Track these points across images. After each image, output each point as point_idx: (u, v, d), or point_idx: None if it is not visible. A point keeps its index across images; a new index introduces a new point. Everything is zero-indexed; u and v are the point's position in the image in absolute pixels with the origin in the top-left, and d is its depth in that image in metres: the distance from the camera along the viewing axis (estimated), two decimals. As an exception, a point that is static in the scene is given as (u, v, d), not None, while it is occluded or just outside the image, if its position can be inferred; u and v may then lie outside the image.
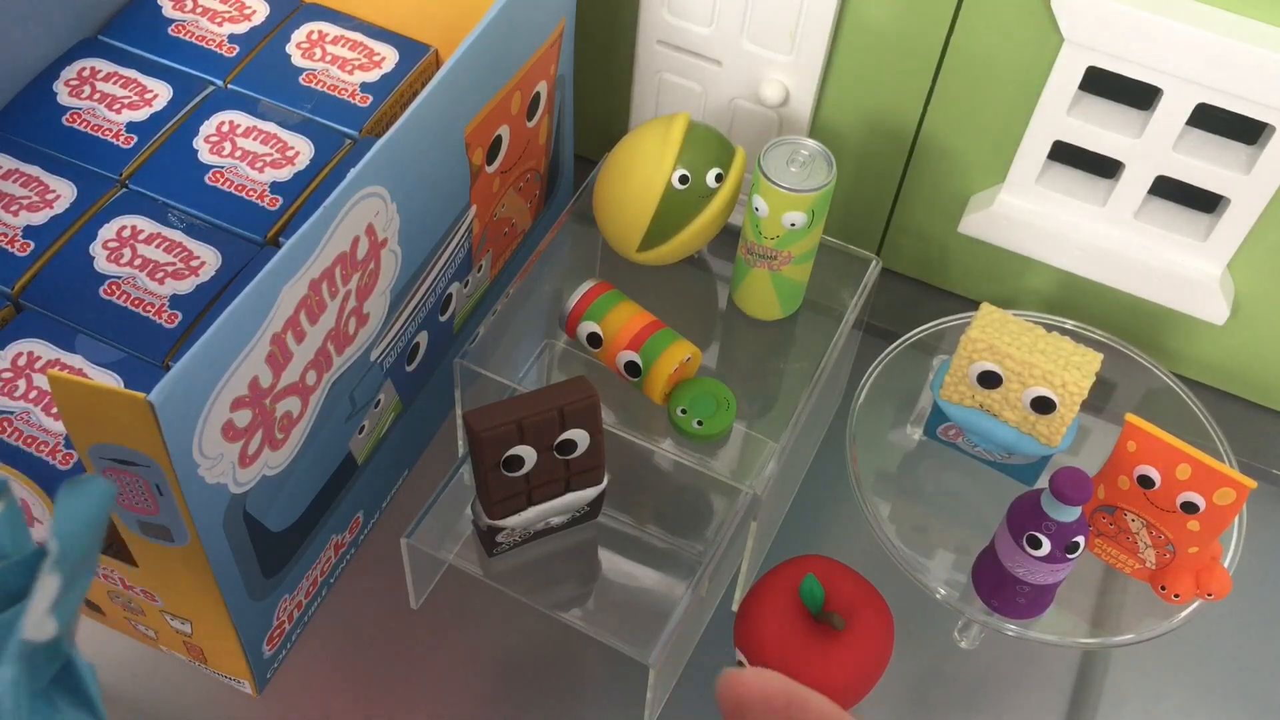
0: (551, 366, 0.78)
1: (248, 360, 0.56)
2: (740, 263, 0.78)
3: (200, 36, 0.82)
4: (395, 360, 0.71)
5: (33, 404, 0.66)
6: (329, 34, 0.83)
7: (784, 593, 0.68)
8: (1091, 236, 0.81)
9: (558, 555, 0.74)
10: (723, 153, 0.76)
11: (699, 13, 0.81)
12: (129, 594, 0.66)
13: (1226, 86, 0.70)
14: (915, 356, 0.81)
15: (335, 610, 0.75)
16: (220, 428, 0.56)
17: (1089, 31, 0.71)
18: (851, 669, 0.66)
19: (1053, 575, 0.69)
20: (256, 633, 0.68)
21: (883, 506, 0.78)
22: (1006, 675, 0.75)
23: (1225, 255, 0.79)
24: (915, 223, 0.88)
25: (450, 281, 0.74)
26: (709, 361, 0.79)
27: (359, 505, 0.74)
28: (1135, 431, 0.69)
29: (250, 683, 0.71)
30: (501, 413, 0.64)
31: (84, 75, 0.79)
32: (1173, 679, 0.76)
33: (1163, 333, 0.85)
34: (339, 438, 0.68)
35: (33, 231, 0.72)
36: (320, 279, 0.59)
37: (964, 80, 0.78)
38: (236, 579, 0.63)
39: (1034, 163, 0.80)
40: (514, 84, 0.72)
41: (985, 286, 0.89)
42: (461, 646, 0.74)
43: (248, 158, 0.76)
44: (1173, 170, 0.76)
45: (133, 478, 0.55)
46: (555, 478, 0.67)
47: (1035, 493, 0.68)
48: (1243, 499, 0.67)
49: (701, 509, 0.76)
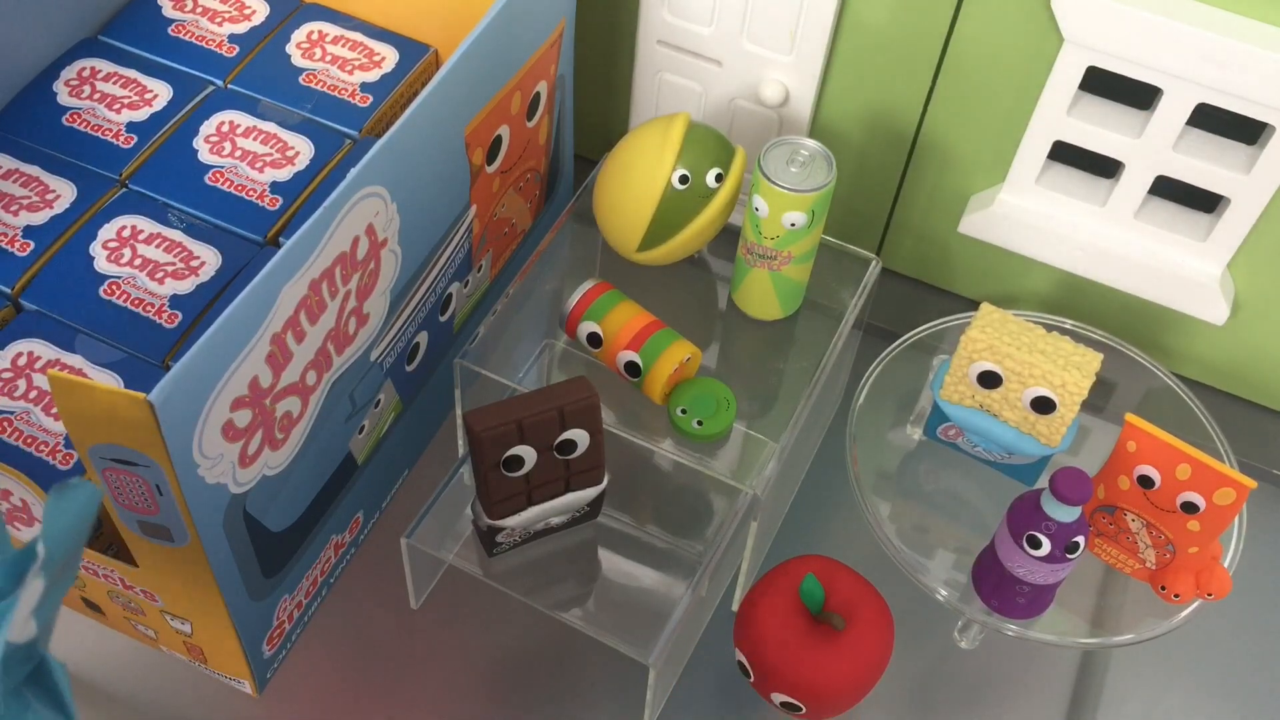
0: (551, 366, 0.78)
1: (248, 360, 0.55)
2: (740, 263, 0.78)
3: (200, 36, 0.82)
4: (395, 360, 0.71)
5: (33, 404, 0.66)
6: (329, 34, 0.83)
7: (784, 593, 0.67)
8: (1091, 236, 0.81)
9: (558, 555, 0.73)
10: (723, 153, 0.76)
11: (699, 13, 0.81)
12: (129, 594, 0.66)
13: (1227, 86, 0.70)
14: (915, 356, 0.80)
15: (335, 610, 0.75)
16: (220, 428, 0.56)
17: (1089, 31, 0.71)
18: (851, 669, 0.66)
19: (1053, 575, 0.69)
20: (256, 633, 0.68)
21: (883, 506, 0.78)
22: (1006, 675, 0.75)
23: (1225, 255, 0.79)
24: (915, 222, 0.88)
25: (450, 281, 0.74)
26: (709, 361, 0.79)
27: (359, 505, 0.74)
28: (1135, 431, 0.69)
29: (250, 683, 0.71)
30: (501, 413, 0.64)
31: (84, 75, 0.79)
32: (1173, 679, 0.76)
33: (1163, 333, 0.85)
34: (339, 438, 0.68)
35: (33, 231, 0.72)
36: (320, 279, 0.59)
37: (964, 80, 0.78)
38: (236, 579, 0.63)
39: (1034, 162, 0.80)
40: (514, 84, 0.72)
41: (985, 286, 0.89)
42: (461, 647, 0.74)
43: (248, 158, 0.75)
44: (1173, 170, 0.76)
45: (133, 478, 0.55)
46: (555, 478, 0.67)
47: (1035, 493, 0.68)
48: (1243, 499, 0.67)
49: (701, 509, 0.76)
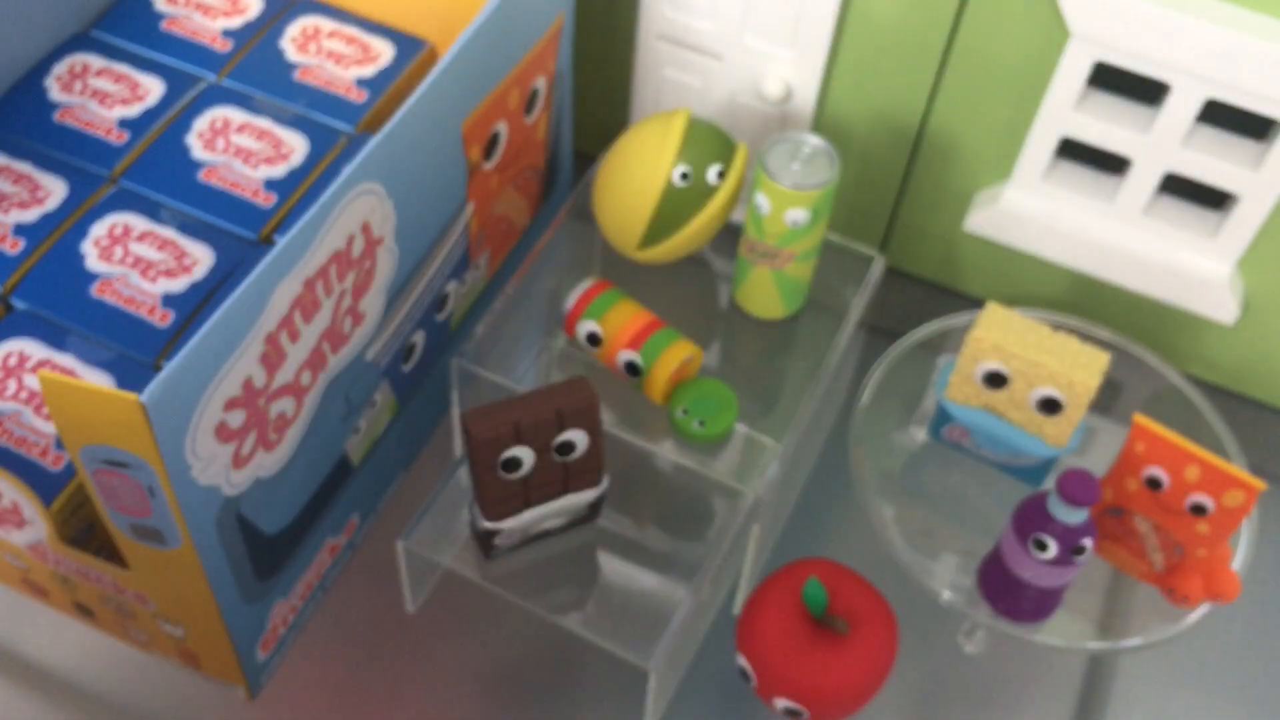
0: (550, 366, 0.78)
1: (241, 360, 0.55)
2: (742, 261, 0.78)
3: (193, 31, 0.82)
4: (391, 360, 0.71)
5: (24, 404, 0.66)
6: (324, 29, 0.82)
7: (786, 596, 0.67)
8: (1099, 234, 0.81)
9: (556, 558, 0.74)
10: (724, 149, 0.76)
11: (700, 7, 0.81)
12: (120, 598, 0.66)
13: (1236, 82, 0.70)
14: (920, 356, 0.80)
15: (330, 614, 0.75)
16: (213, 429, 0.56)
17: (1097, 26, 0.71)
18: (855, 674, 0.66)
19: (1060, 578, 0.68)
20: (250, 637, 0.68)
21: (887, 509, 0.78)
22: (1013, 680, 0.75)
23: (1235, 253, 0.79)
24: (920, 220, 0.87)
25: (447, 280, 0.74)
26: (710, 361, 0.79)
27: (354, 507, 0.74)
28: (1143, 432, 0.69)
29: (244, 687, 0.70)
30: (499, 413, 0.64)
31: (75, 71, 0.79)
32: (1181, 683, 0.75)
33: (1171, 332, 0.85)
34: (334, 439, 0.68)
35: (23, 229, 0.72)
36: (315, 277, 0.59)
37: (969, 75, 0.78)
38: (230, 582, 0.63)
39: (1041, 159, 0.79)
40: (512, 79, 0.72)
41: (991, 285, 0.89)
42: (458, 651, 0.74)
43: (241, 154, 0.75)
44: (1181, 167, 0.76)
45: (124, 479, 0.55)
46: (554, 479, 0.67)
47: (1042, 495, 0.68)
48: (1252, 501, 0.67)
49: (702, 511, 0.76)
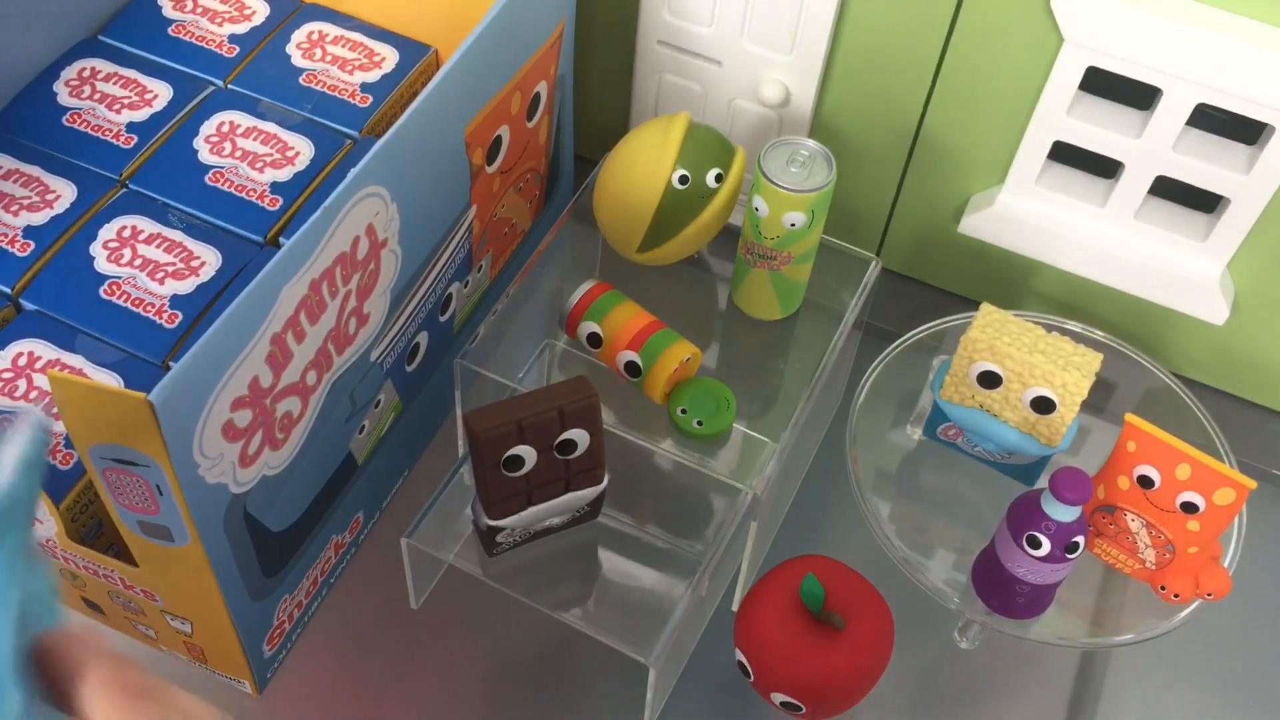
0: (551, 366, 0.78)
1: (248, 360, 0.56)
2: (740, 263, 0.78)
3: (200, 37, 0.82)
4: (395, 360, 0.71)
5: (33, 404, 0.66)
6: (329, 34, 0.83)
7: (784, 592, 0.67)
8: (1091, 237, 0.81)
9: (558, 555, 0.73)
10: (723, 153, 0.76)
11: (699, 13, 0.81)
12: (129, 594, 0.66)
13: (1226, 87, 0.70)
14: (915, 357, 0.80)
15: (335, 610, 0.75)
16: (220, 428, 0.56)
17: (1089, 31, 0.71)
18: (852, 669, 0.66)
19: (1052, 575, 0.69)
20: (257, 633, 0.68)
21: (883, 506, 0.78)
22: (1006, 675, 0.75)
23: (1225, 255, 0.79)
24: (915, 223, 0.88)
25: (450, 281, 0.74)
26: (709, 361, 0.79)
27: (359, 505, 0.74)
28: (1135, 431, 0.69)
29: (250, 683, 0.71)
30: (501, 413, 0.64)
31: (84, 75, 0.79)
32: (1172, 679, 0.76)
33: (1162, 333, 0.85)
34: (339, 438, 0.68)
35: (33, 232, 0.72)
36: (320, 279, 0.59)
37: (964, 81, 0.78)
38: (237, 579, 0.63)
39: (1034, 163, 0.80)
40: (514, 84, 0.72)
41: (985, 286, 0.89)
42: (461, 647, 0.74)
43: (248, 158, 0.75)
44: (1172, 170, 0.76)
45: (133, 478, 0.55)
46: (555, 478, 0.67)
47: (1035, 493, 0.68)
48: (1242, 499, 0.67)
49: (701, 509, 0.76)
